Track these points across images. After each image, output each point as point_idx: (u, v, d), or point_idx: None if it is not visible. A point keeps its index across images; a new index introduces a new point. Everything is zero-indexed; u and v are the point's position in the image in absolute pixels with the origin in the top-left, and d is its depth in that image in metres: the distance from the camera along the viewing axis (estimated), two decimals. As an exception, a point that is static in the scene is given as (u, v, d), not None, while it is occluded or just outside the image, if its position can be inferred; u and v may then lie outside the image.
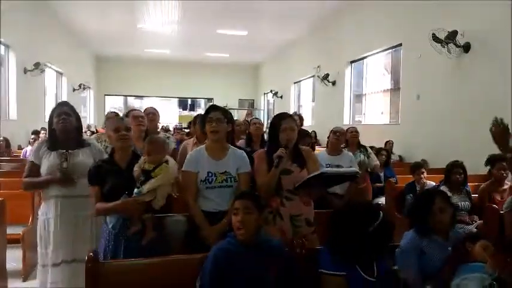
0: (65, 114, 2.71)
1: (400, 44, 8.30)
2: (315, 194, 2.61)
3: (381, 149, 5.90)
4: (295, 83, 15.38)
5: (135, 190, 2.27)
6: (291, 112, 17.95)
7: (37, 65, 9.41)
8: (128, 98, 20.94)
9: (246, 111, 20.26)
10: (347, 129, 4.86)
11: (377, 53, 9.58)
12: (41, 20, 10.52)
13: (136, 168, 2.34)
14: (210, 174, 2.46)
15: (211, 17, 11.95)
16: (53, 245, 2.60)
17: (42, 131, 8.60)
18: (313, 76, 12.90)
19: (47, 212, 2.66)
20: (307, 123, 14.12)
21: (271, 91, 17.24)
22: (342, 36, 11.02)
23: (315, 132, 11.81)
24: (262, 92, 19.75)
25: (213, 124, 2.50)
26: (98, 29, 13.41)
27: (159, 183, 2.30)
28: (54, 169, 2.62)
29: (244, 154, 2.64)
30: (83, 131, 3.26)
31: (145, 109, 3.90)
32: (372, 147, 6.64)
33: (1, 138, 7.30)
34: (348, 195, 3.98)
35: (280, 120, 2.57)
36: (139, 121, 3.30)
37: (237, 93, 20.39)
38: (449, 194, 3.29)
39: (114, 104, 20.72)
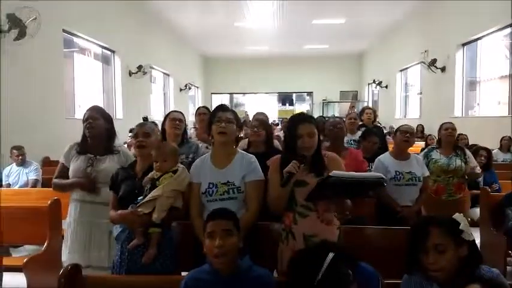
0: (92, 118, 2.71)
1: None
2: (337, 207, 2.09)
3: (479, 148, 4.84)
4: (401, 70, 13.97)
5: (139, 198, 2.16)
6: (368, 105, 16.45)
7: (140, 67, 10.26)
8: (234, 95, 21.77)
9: (349, 103, 19.29)
10: (441, 126, 4.02)
11: (492, 32, 8.02)
12: (144, 24, 11.42)
13: (148, 176, 2.22)
14: (211, 186, 2.20)
15: (305, 8, 11.56)
16: (69, 248, 2.64)
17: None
18: (420, 62, 11.52)
19: (69, 215, 2.71)
20: (414, 115, 12.80)
21: (374, 81, 16.01)
22: (451, 16, 9.55)
23: (422, 126, 10.59)
24: (366, 82, 18.51)
25: (222, 124, 2.21)
26: (200, 29, 14.10)
27: (158, 193, 2.13)
28: (79, 173, 2.65)
29: (254, 159, 2.30)
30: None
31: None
32: (471, 147, 5.60)
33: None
34: (418, 206, 3.28)
35: (297, 124, 2.14)
36: (176, 124, 3.18)
37: (338, 85, 19.50)
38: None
39: (221, 101, 21.78)
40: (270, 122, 15.26)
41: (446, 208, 3.73)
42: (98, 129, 2.72)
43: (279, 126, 10.85)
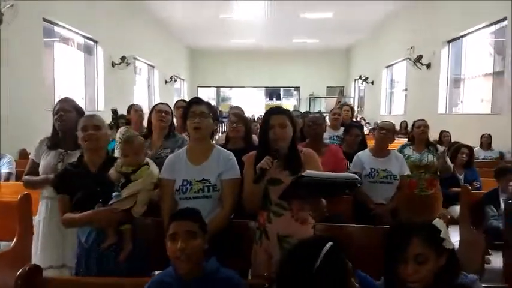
0: (63, 111, 2.57)
1: (505, 18, 6.82)
2: (311, 206, 2.02)
3: (460, 146, 4.85)
4: (387, 67, 14.01)
5: (114, 194, 2.03)
6: (347, 102, 16.51)
7: (123, 58, 10.02)
8: (221, 88, 21.60)
9: (335, 99, 19.31)
10: (414, 123, 4.08)
11: (478, 29, 8.06)
12: (129, 14, 11.15)
13: (112, 171, 2.09)
14: (185, 183, 2.10)
15: (293, 2, 11.45)
16: (41, 247, 2.52)
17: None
18: (406, 59, 11.55)
19: (39, 213, 2.59)
20: (399, 112, 12.86)
21: (360, 77, 16.04)
22: (438, 12, 9.58)
23: (406, 123, 10.62)
24: (352, 78, 18.54)
25: (196, 119, 2.11)
26: (186, 21, 13.88)
27: (139, 188, 2.04)
28: (49, 169, 2.52)
29: (232, 156, 2.21)
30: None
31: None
32: (453, 144, 5.62)
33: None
34: (392, 204, 3.24)
35: (269, 115, 2.08)
36: (162, 116, 3.05)
37: (325, 80, 19.51)
38: None
39: (208, 95, 21.58)
40: (255, 117, 15.14)
41: (419, 203, 3.75)
42: (69, 123, 2.55)
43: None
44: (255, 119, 14.87)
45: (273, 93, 21.79)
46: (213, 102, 21.19)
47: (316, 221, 2.14)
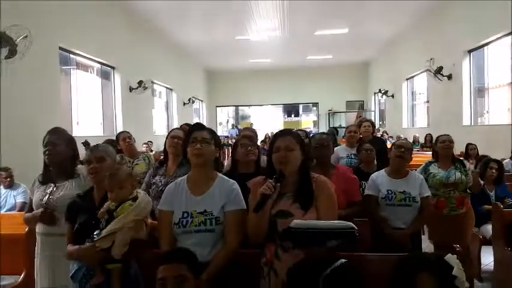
0: (51, 144, 2.45)
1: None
2: (313, 252, 1.71)
3: (489, 160, 4.55)
4: (407, 79, 13.70)
5: (96, 232, 1.93)
6: (366, 117, 16.13)
7: (140, 82, 10.14)
8: (239, 107, 21.65)
9: (355, 113, 19.01)
10: (437, 138, 3.85)
11: (499, 38, 7.75)
12: (146, 39, 11.35)
13: (105, 206, 2.00)
14: (185, 215, 1.94)
15: (307, 20, 11.45)
16: (39, 284, 2.42)
17: (144, 145, 9.21)
18: (426, 71, 11.25)
19: (36, 249, 2.50)
20: (422, 124, 12.47)
21: (380, 90, 15.74)
22: (456, 23, 9.32)
23: (431, 136, 10.26)
24: (372, 91, 18.24)
25: (197, 145, 1.98)
26: (203, 44, 14.05)
27: (118, 226, 1.90)
28: (37, 204, 2.43)
29: (236, 185, 2.04)
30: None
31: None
32: (480, 158, 5.32)
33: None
34: (412, 228, 2.97)
35: (276, 137, 1.94)
36: (175, 143, 2.94)
37: (344, 94, 19.26)
38: None
39: (226, 114, 21.67)
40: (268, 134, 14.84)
41: (449, 224, 3.50)
42: (58, 156, 2.46)
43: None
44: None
45: (291, 110, 21.67)
46: (232, 121, 21.28)
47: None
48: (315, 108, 20.63)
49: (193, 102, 16.03)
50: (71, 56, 7.99)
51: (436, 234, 3.66)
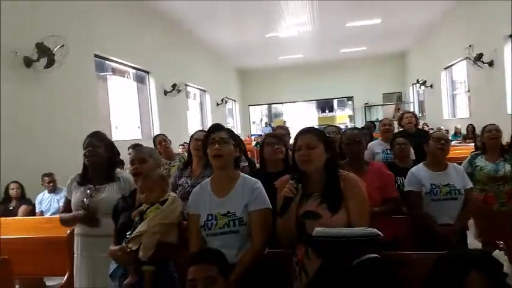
0: (91, 146, 2.55)
1: None
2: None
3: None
4: (445, 68, 13.13)
5: (128, 233, 1.97)
6: (404, 108, 15.51)
7: (174, 86, 10.35)
8: (272, 105, 21.62)
9: (393, 106, 18.49)
10: (483, 128, 3.64)
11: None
12: (178, 43, 11.55)
13: (140, 208, 2.04)
14: (210, 218, 1.94)
15: (338, 12, 11.22)
16: (78, 285, 2.51)
17: (180, 146, 9.38)
18: (465, 58, 10.72)
19: (75, 250, 2.59)
20: (463, 115, 11.91)
21: (417, 81, 15.18)
22: (495, 5, 8.79)
23: (473, 127, 9.78)
24: (410, 82, 17.62)
25: (216, 146, 1.97)
26: (234, 44, 14.16)
27: (143, 229, 1.93)
28: (78, 205, 2.51)
29: (259, 184, 2.01)
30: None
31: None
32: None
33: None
34: (460, 223, 2.81)
35: (298, 135, 1.89)
36: (199, 145, 2.92)
37: (380, 87, 18.73)
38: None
39: (260, 113, 21.70)
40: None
41: (499, 220, 3.28)
42: (98, 158, 2.55)
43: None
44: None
45: (325, 105, 21.36)
46: (265, 119, 21.27)
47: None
48: (350, 102, 20.22)
49: (226, 102, 16.17)
50: (107, 62, 8.27)
51: (485, 231, 3.44)
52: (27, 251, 3.08)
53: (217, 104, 15.39)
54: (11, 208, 4.68)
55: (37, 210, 4.88)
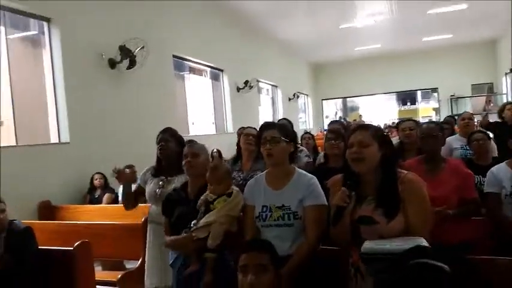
0: (164, 140, 2.81)
1: None
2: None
3: None
4: (547, 54, 11.63)
5: (193, 222, 2.08)
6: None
7: (246, 82, 10.59)
8: (347, 99, 21.02)
9: (484, 98, 16.86)
10: None
11: None
12: (250, 39, 11.78)
13: (202, 197, 2.15)
14: (264, 209, 2.00)
15: (418, -2, 10.51)
16: (147, 268, 2.70)
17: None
18: None
19: (148, 237, 2.79)
20: None
21: (511, 70, 13.64)
22: None
23: None
24: (502, 72, 15.90)
25: (267, 146, 2.01)
26: (307, 37, 13.98)
27: (212, 219, 2.04)
28: (151, 196, 2.72)
29: (314, 180, 2.02)
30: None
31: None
32: None
33: (215, 150, 8.49)
34: None
35: (351, 133, 1.82)
36: (250, 140, 3.11)
37: (468, 78, 17.12)
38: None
39: (334, 106, 21.23)
40: (383, 125, 14.08)
41: None
42: (169, 151, 2.79)
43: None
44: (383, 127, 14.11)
45: (406, 97, 20.17)
46: (339, 114, 20.76)
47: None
48: (434, 94, 18.83)
49: (297, 97, 16.08)
50: (184, 62, 8.73)
51: None
52: (105, 236, 3.41)
53: (289, 99, 15.37)
54: (96, 196, 5.19)
55: (119, 199, 5.34)
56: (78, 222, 4.06)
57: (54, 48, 5.25)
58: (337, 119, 19.31)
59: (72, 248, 2.81)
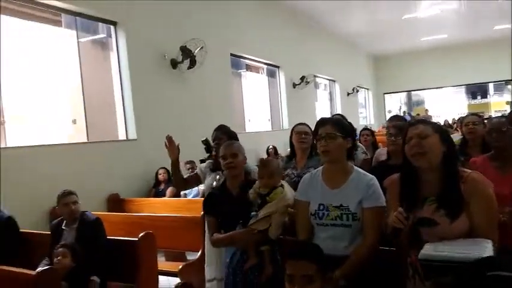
0: (218, 139, 2.96)
1: None
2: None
3: None
4: None
5: (252, 213, 2.14)
6: None
7: (303, 78, 10.52)
8: (412, 92, 20.02)
9: None
10: None
11: None
12: (307, 34, 11.63)
13: (251, 191, 2.22)
14: (321, 207, 1.96)
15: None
16: (206, 260, 2.81)
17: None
18: None
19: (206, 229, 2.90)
20: None
21: None
22: None
23: None
24: None
25: (322, 142, 1.96)
26: (367, 30, 13.59)
27: (273, 209, 2.10)
28: (209, 189, 2.85)
29: (374, 181, 1.94)
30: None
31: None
32: None
33: (271, 146, 8.55)
34: None
35: (409, 126, 1.74)
36: (302, 138, 3.07)
37: (550, 68, 15.52)
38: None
39: (398, 101, 20.33)
40: (450, 121, 13.35)
41: None
42: None
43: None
44: (450, 123, 13.36)
45: (476, 90, 18.76)
46: (404, 108, 19.82)
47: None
48: (508, 86, 17.32)
49: (357, 91, 15.61)
50: (241, 60, 8.87)
51: None
52: (168, 227, 3.59)
53: (348, 94, 14.98)
54: (160, 190, 5.47)
55: (181, 193, 5.58)
56: (143, 214, 4.32)
57: (121, 50, 5.62)
58: (401, 113, 18.56)
59: (137, 239, 2.99)
